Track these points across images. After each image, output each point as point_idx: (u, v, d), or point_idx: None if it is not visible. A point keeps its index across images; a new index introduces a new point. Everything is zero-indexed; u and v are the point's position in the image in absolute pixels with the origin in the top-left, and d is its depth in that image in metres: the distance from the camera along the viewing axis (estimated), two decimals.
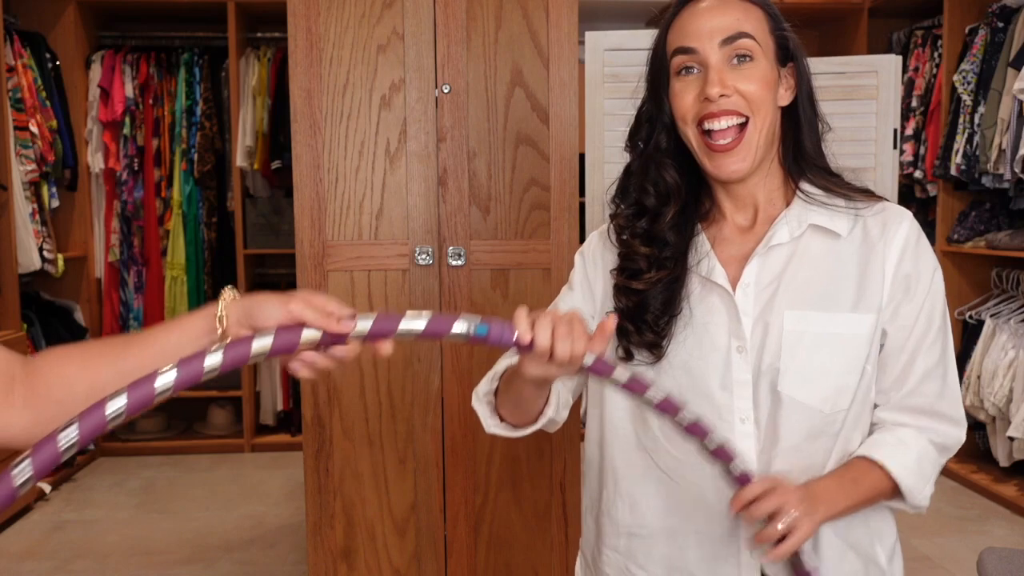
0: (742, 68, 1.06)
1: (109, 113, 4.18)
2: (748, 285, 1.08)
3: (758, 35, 1.07)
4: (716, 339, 1.07)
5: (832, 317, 1.05)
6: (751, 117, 1.06)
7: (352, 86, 2.03)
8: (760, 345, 1.06)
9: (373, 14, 2.03)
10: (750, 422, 1.06)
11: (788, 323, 1.05)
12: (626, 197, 1.16)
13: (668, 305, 1.09)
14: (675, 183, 1.12)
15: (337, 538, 2.11)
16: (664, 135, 1.12)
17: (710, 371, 1.07)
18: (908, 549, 3.11)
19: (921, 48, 4.15)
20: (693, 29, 1.07)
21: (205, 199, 4.33)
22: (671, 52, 1.10)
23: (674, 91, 1.09)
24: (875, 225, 1.09)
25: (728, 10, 1.07)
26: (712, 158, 1.07)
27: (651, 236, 1.11)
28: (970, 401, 3.66)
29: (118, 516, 3.52)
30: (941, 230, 3.96)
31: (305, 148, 2.04)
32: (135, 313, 4.32)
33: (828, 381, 1.05)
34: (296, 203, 2.05)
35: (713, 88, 1.04)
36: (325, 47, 2.03)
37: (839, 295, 1.06)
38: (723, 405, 1.07)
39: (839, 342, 1.05)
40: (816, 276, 1.07)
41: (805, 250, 1.08)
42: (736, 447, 1.02)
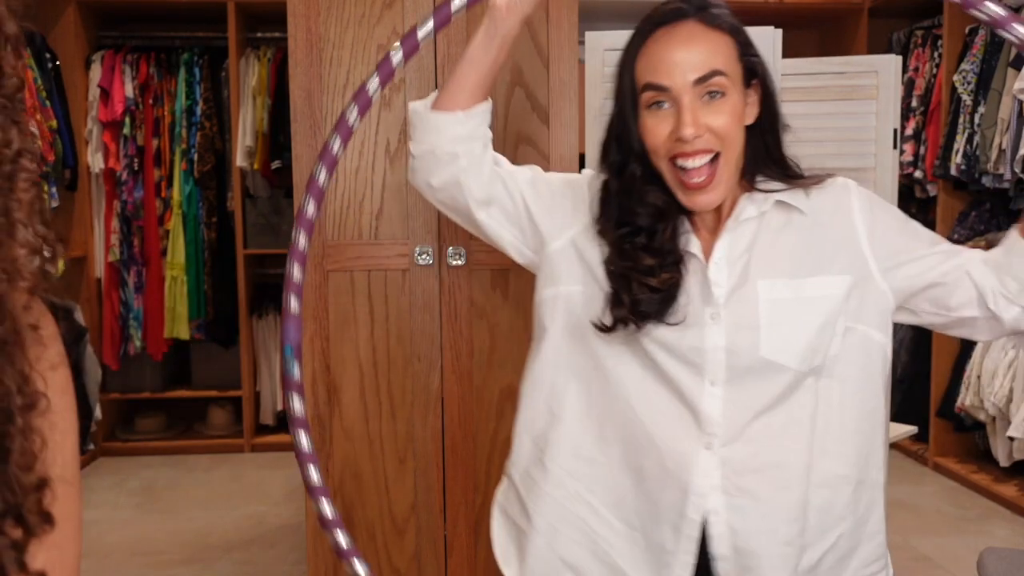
0: (714, 104, 1.07)
1: (109, 113, 4.18)
2: (720, 260, 1.12)
3: (729, 69, 1.08)
4: (690, 307, 1.11)
5: (803, 282, 1.11)
6: (722, 152, 1.08)
7: (352, 86, 2.03)
8: (735, 313, 1.10)
9: (373, 14, 2.03)
10: (720, 384, 1.10)
11: (763, 292, 1.10)
12: (610, 218, 1.16)
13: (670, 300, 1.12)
14: (665, 202, 1.14)
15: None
16: (639, 164, 1.13)
17: (684, 338, 1.10)
18: (908, 549, 3.11)
19: (921, 48, 4.15)
20: (665, 65, 1.07)
21: (205, 199, 4.33)
22: (641, 85, 1.09)
23: (646, 126, 1.10)
24: (831, 200, 1.15)
25: (699, 44, 1.07)
26: (687, 194, 1.10)
27: (652, 248, 1.13)
28: (970, 401, 3.66)
29: (118, 516, 3.52)
30: (941, 230, 3.96)
31: (305, 148, 2.04)
32: (135, 313, 4.32)
33: (803, 342, 1.10)
34: (296, 203, 2.05)
35: (688, 130, 1.05)
36: (325, 47, 2.03)
37: (808, 261, 1.12)
38: (694, 367, 1.10)
39: (811, 304, 1.11)
40: (782, 247, 1.13)
41: (769, 225, 1.14)
42: (704, 408, 1.10)
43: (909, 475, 3.96)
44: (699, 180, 1.08)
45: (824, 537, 1.13)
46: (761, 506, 1.10)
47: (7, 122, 0.61)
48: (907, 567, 2.99)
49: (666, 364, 1.11)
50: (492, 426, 2.10)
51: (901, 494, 3.67)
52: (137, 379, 4.47)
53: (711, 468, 1.10)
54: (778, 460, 1.10)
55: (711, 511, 1.10)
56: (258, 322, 4.45)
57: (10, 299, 0.58)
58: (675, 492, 1.11)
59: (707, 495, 1.10)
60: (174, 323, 4.29)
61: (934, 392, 4.01)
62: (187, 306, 4.30)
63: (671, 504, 1.11)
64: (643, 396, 1.13)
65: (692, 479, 1.10)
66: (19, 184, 0.61)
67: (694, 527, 1.10)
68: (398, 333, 2.07)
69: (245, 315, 4.33)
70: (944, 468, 3.97)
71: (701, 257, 1.13)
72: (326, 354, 2.06)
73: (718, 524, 1.10)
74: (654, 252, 1.13)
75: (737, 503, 1.10)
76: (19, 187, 0.61)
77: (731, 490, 1.10)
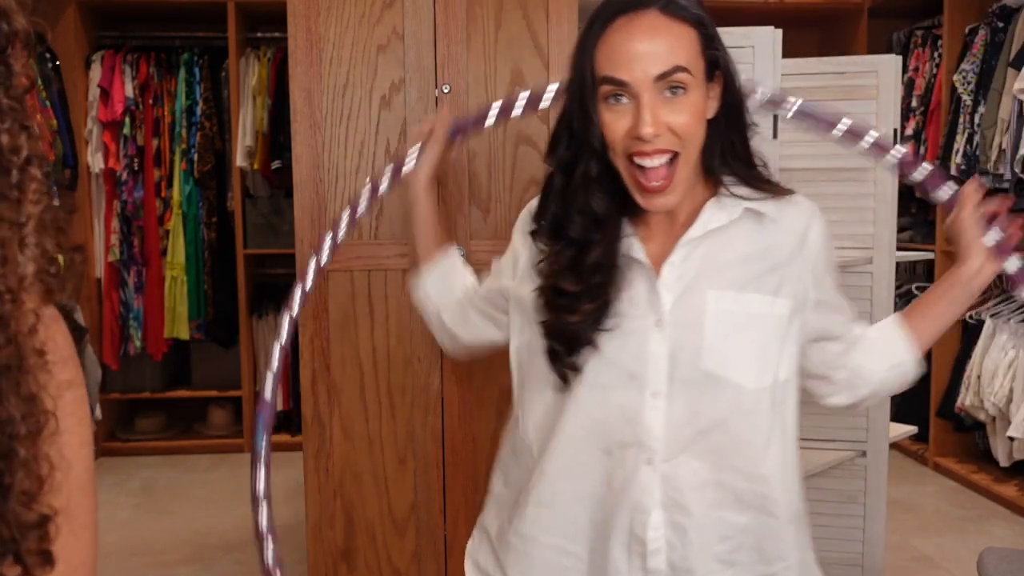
0: (675, 100, 1.02)
1: (109, 113, 4.18)
2: (676, 264, 1.09)
3: (691, 63, 1.02)
4: (635, 314, 1.08)
5: (752, 298, 1.08)
6: (681, 152, 1.04)
7: (352, 86, 2.03)
8: (681, 322, 1.07)
9: (373, 14, 2.03)
10: (662, 396, 1.07)
11: (711, 302, 1.07)
12: (546, 215, 1.13)
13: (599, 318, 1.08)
14: (605, 211, 1.09)
15: (337, 538, 2.11)
16: (595, 162, 1.08)
17: (627, 344, 1.08)
18: (908, 549, 3.11)
19: (921, 48, 4.15)
20: (624, 58, 1.01)
21: (205, 199, 4.33)
22: (599, 78, 1.03)
23: (604, 120, 1.04)
24: (795, 218, 1.12)
25: (661, 36, 1.01)
26: (644, 196, 1.06)
27: (577, 269, 1.08)
28: (970, 401, 3.66)
29: (118, 516, 3.52)
30: (941, 230, 3.96)
31: (305, 148, 2.04)
32: (135, 313, 4.32)
33: (749, 358, 1.07)
34: (296, 203, 2.05)
35: (647, 128, 1.00)
36: (325, 47, 2.03)
37: (760, 278, 1.09)
38: (635, 378, 1.07)
39: (759, 322, 1.08)
40: (741, 258, 1.09)
41: (734, 234, 1.10)
42: (646, 421, 1.07)
43: (909, 475, 3.96)
44: (657, 184, 1.04)
45: (760, 562, 1.11)
46: (698, 523, 1.07)
47: (16, 127, 0.57)
48: (907, 567, 2.99)
49: (608, 375, 1.08)
50: (492, 426, 2.10)
51: (901, 494, 3.67)
52: (137, 379, 4.47)
53: (652, 484, 1.07)
54: (719, 480, 1.08)
55: (651, 527, 1.07)
56: (258, 322, 4.45)
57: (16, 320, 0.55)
58: (624, 511, 1.09)
59: (650, 511, 1.07)
60: (174, 323, 4.29)
61: (934, 392, 4.01)
62: (187, 306, 4.30)
63: (621, 524, 1.09)
64: (587, 412, 1.10)
65: (636, 496, 1.08)
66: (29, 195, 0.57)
67: (642, 545, 1.08)
68: (398, 333, 2.06)
69: (245, 315, 4.33)
70: (944, 468, 3.97)
71: (648, 263, 1.09)
72: (326, 354, 2.06)
73: (657, 540, 1.07)
74: (578, 272, 1.08)
75: (676, 519, 1.07)
76: (29, 198, 0.57)
77: (670, 506, 1.07)
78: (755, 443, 1.09)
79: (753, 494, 1.09)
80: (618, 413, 1.08)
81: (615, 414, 1.09)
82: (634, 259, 1.09)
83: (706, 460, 1.07)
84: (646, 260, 1.09)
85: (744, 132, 1.12)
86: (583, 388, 1.10)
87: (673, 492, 1.07)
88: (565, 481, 1.13)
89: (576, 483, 1.12)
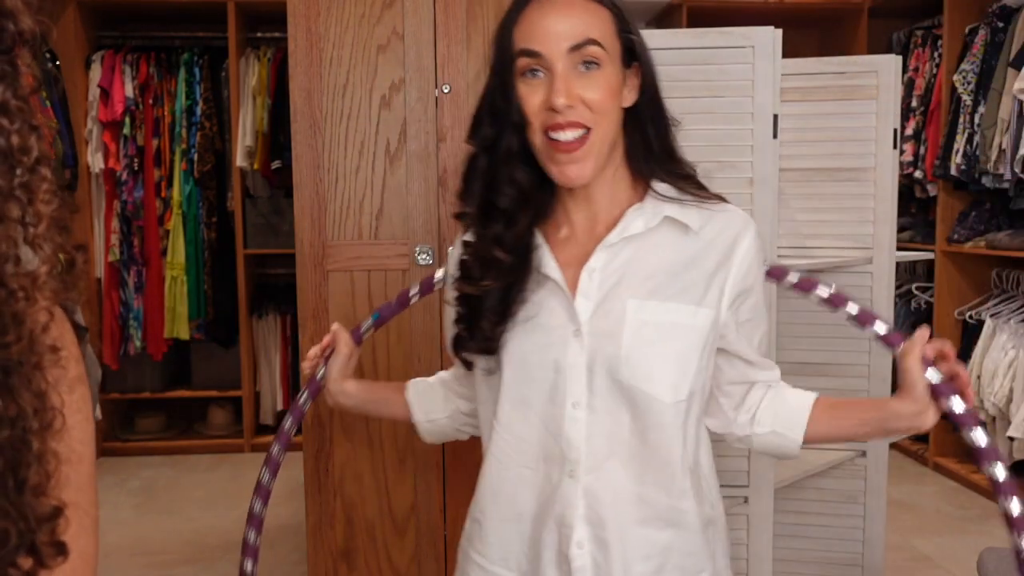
0: (588, 75, 1.04)
1: (109, 113, 4.18)
2: (595, 271, 1.08)
3: (605, 41, 1.05)
4: (551, 324, 1.07)
5: (673, 307, 1.07)
6: (594, 128, 1.04)
7: (352, 86, 2.03)
8: (600, 331, 1.06)
9: (373, 14, 2.03)
10: (582, 407, 1.06)
11: (630, 311, 1.06)
12: (472, 196, 1.13)
13: (503, 310, 1.09)
14: (531, 184, 1.10)
15: (337, 538, 2.11)
16: (516, 137, 1.08)
17: (545, 356, 1.07)
18: (908, 549, 3.11)
19: (921, 48, 4.15)
20: (540, 31, 1.04)
21: (205, 199, 4.33)
22: (516, 51, 1.05)
23: (519, 94, 1.06)
24: (724, 227, 1.10)
25: (576, 12, 1.04)
26: (556, 161, 1.05)
27: (505, 240, 1.10)
28: None
29: (118, 516, 3.52)
30: (941, 230, 3.96)
31: (305, 148, 2.04)
32: (135, 313, 4.32)
33: (668, 370, 1.06)
34: (296, 203, 2.05)
35: (559, 98, 1.02)
36: (325, 47, 2.03)
37: (682, 287, 1.08)
38: (556, 388, 1.07)
39: (679, 332, 1.07)
40: (662, 267, 1.08)
41: (655, 242, 1.09)
42: (567, 433, 1.06)
43: (909, 475, 3.96)
44: (568, 147, 1.05)
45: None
46: (620, 540, 1.06)
47: (25, 127, 0.56)
48: (907, 567, 2.99)
49: (529, 388, 1.08)
50: None
51: (901, 494, 3.67)
52: (137, 379, 4.47)
53: (576, 498, 1.06)
54: (640, 494, 1.07)
55: (576, 543, 1.06)
56: (258, 322, 4.45)
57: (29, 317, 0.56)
58: (551, 527, 1.08)
59: (574, 527, 1.06)
60: (174, 323, 4.29)
61: None
62: (187, 306, 4.30)
63: (550, 541, 1.08)
64: (510, 429, 1.10)
65: (560, 510, 1.07)
66: (40, 195, 0.57)
67: (568, 563, 1.07)
68: (398, 333, 2.07)
69: (245, 315, 4.33)
70: (944, 468, 3.97)
71: (561, 281, 1.08)
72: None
73: (581, 557, 1.06)
74: (506, 243, 1.09)
75: (600, 535, 1.06)
76: (40, 198, 0.57)
77: (594, 521, 1.06)
78: (673, 456, 1.07)
79: (672, 510, 1.08)
80: (541, 426, 1.08)
81: (538, 427, 1.08)
82: (547, 276, 1.09)
83: (627, 473, 1.06)
84: (559, 278, 1.08)
85: (663, 126, 1.12)
86: (506, 405, 1.10)
87: (596, 506, 1.06)
88: (494, 500, 1.13)
89: (504, 502, 1.12)
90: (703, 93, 1.99)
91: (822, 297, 1.19)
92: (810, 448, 2.41)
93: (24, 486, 0.55)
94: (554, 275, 1.08)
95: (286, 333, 4.45)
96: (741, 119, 1.99)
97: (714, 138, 2.00)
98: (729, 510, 2.07)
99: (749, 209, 2.00)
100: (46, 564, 0.56)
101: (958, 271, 3.96)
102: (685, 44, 2.00)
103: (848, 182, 2.34)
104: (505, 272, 1.09)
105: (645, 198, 1.10)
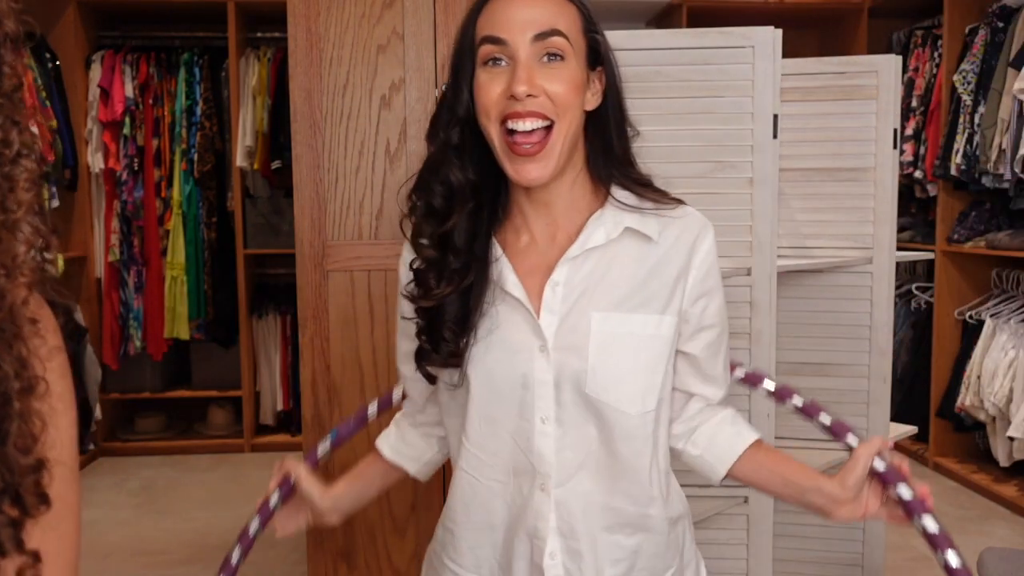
0: (552, 67, 1.02)
1: (109, 113, 4.18)
2: (558, 285, 1.07)
3: (571, 34, 1.03)
4: (517, 340, 1.06)
5: (638, 319, 1.06)
6: (556, 121, 1.02)
7: (352, 86, 2.04)
8: (566, 346, 1.05)
9: (373, 14, 2.03)
10: (551, 422, 1.06)
11: (595, 324, 1.05)
12: (421, 194, 1.11)
13: (463, 319, 1.07)
14: (462, 183, 1.08)
15: (337, 538, 2.11)
16: (457, 130, 1.06)
17: (512, 372, 1.06)
18: (908, 549, 3.11)
19: (921, 48, 4.15)
20: (505, 18, 1.02)
21: (205, 199, 4.33)
22: (479, 39, 1.03)
23: (479, 82, 1.03)
24: (682, 232, 1.09)
25: (543, 3, 1.03)
26: (514, 161, 1.03)
27: (443, 241, 1.08)
28: (970, 401, 3.66)
29: (118, 516, 3.52)
30: (941, 230, 3.96)
31: (305, 148, 2.04)
32: (135, 313, 4.32)
33: (635, 383, 1.06)
34: (296, 203, 2.05)
35: (520, 86, 0.99)
36: (325, 47, 2.03)
37: (645, 297, 1.07)
38: (524, 404, 1.06)
39: (644, 343, 1.06)
40: (625, 278, 1.07)
41: (616, 252, 1.08)
42: (537, 447, 1.06)
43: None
44: (528, 146, 1.02)
45: None
46: (592, 549, 1.07)
47: (6, 122, 0.61)
48: (907, 567, 2.99)
49: (497, 405, 1.07)
50: None
51: None
52: (137, 379, 4.47)
53: (547, 510, 1.07)
54: (608, 504, 1.07)
55: (548, 554, 1.07)
56: (258, 322, 4.45)
57: (10, 293, 0.60)
58: (523, 539, 1.09)
59: (546, 538, 1.07)
60: (174, 323, 4.29)
61: (934, 392, 4.01)
62: (187, 306, 4.30)
63: (522, 552, 1.09)
64: (480, 444, 1.10)
65: (532, 522, 1.08)
66: (20, 184, 0.61)
67: (541, 573, 1.08)
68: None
69: (245, 315, 4.33)
70: (944, 468, 3.97)
71: (520, 295, 1.07)
72: (326, 354, 2.06)
73: (555, 567, 1.07)
74: (442, 245, 1.07)
75: (572, 546, 1.07)
76: (20, 186, 0.61)
77: (566, 532, 1.07)
78: (641, 465, 1.08)
79: (642, 516, 1.09)
80: (511, 441, 1.08)
81: (508, 442, 1.08)
82: (509, 294, 1.07)
83: (597, 484, 1.07)
84: (522, 295, 1.07)
85: (624, 133, 1.11)
86: (475, 421, 1.09)
87: (568, 517, 1.07)
88: (466, 511, 1.13)
89: (476, 514, 1.12)
90: (703, 93, 1.99)
91: (796, 407, 1.15)
92: (810, 448, 2.42)
93: (7, 438, 0.59)
94: (516, 292, 1.07)
95: (286, 333, 4.45)
96: (741, 119, 1.99)
97: (714, 138, 2.00)
98: (729, 510, 2.08)
99: (749, 209, 2.00)
100: (30, 513, 0.60)
101: (958, 271, 3.96)
102: (685, 44, 2.00)
103: (848, 182, 2.34)
104: (458, 278, 1.07)
105: (605, 205, 1.09)
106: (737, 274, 2.01)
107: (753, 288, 2.01)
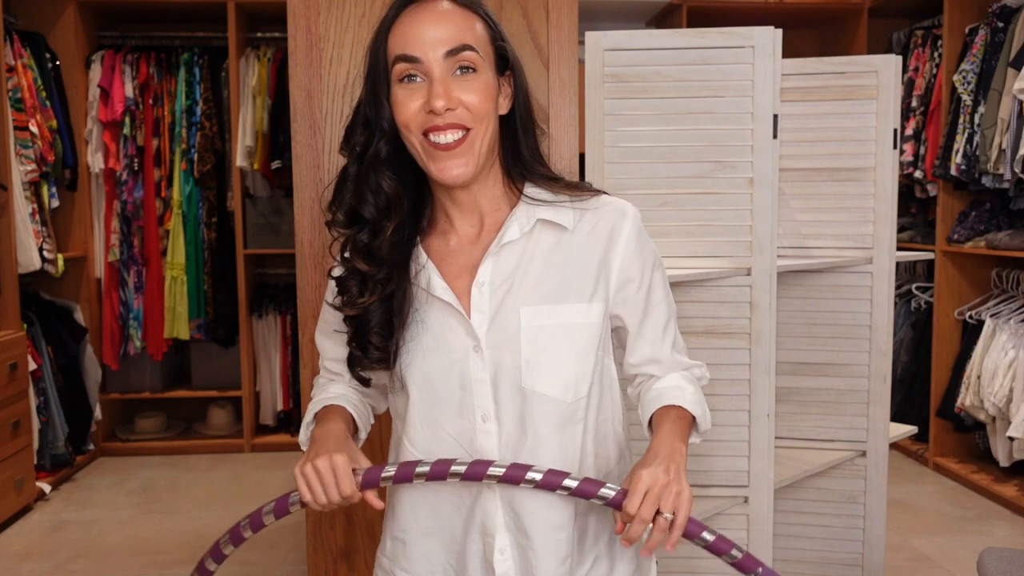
0: (466, 79, 1.06)
1: (109, 113, 4.18)
2: (483, 284, 1.10)
3: (480, 46, 1.07)
4: (451, 342, 1.09)
5: (565, 308, 1.09)
6: (473, 128, 1.06)
7: (352, 86, 2.03)
8: (499, 343, 1.08)
9: (373, 14, 2.03)
10: (492, 420, 1.09)
11: (524, 319, 1.08)
12: (342, 205, 1.14)
13: (389, 324, 1.10)
14: (396, 193, 1.11)
15: (337, 538, 2.11)
16: (384, 143, 1.10)
17: (449, 374, 1.09)
18: (908, 549, 3.12)
19: (921, 48, 4.15)
20: (416, 37, 1.06)
21: (205, 199, 4.33)
22: (392, 58, 1.07)
23: (397, 99, 1.07)
24: (601, 219, 1.13)
25: (451, 19, 1.07)
26: (436, 159, 1.06)
27: (370, 252, 1.11)
28: (970, 401, 3.66)
29: (118, 516, 3.53)
30: (941, 230, 3.97)
31: (305, 148, 2.04)
32: (135, 313, 4.32)
33: (567, 371, 1.09)
34: (296, 203, 2.05)
35: (439, 101, 1.03)
36: (325, 47, 2.03)
37: (571, 286, 1.10)
38: (464, 404, 1.09)
39: (573, 332, 1.10)
40: (548, 270, 1.10)
41: (535, 246, 1.11)
42: (480, 445, 1.09)
43: (909, 475, 3.97)
44: (448, 144, 1.06)
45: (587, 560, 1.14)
46: (539, 543, 1.10)
47: None
48: (907, 567, 2.99)
49: (437, 408, 1.10)
50: None
51: (901, 494, 3.67)
52: (137, 379, 4.47)
53: (494, 507, 1.10)
54: (550, 497, 1.09)
55: (498, 550, 1.10)
56: (258, 322, 4.45)
57: None
58: (474, 538, 1.11)
59: (495, 535, 1.10)
60: (174, 323, 4.29)
61: (934, 392, 4.01)
62: (187, 306, 4.30)
63: (474, 551, 1.12)
64: (423, 448, 1.11)
65: (481, 520, 1.11)
66: None
67: (492, 570, 1.11)
68: None
69: (245, 315, 4.33)
70: (944, 468, 3.97)
71: (450, 297, 1.09)
72: None
73: (504, 563, 1.10)
74: (370, 255, 1.10)
75: (520, 542, 1.10)
76: None
77: (513, 528, 1.10)
78: (585, 450, 1.11)
79: (584, 504, 1.11)
80: (453, 442, 1.11)
81: (450, 443, 1.11)
82: (439, 298, 1.10)
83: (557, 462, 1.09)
84: (452, 298, 1.09)
85: (532, 133, 1.16)
86: (416, 424, 1.12)
87: (514, 513, 1.10)
88: (415, 517, 1.15)
89: (426, 521, 1.15)
90: (703, 93, 1.99)
91: (736, 558, 1.05)
92: (810, 448, 2.42)
93: None
94: (445, 296, 1.10)
95: (286, 333, 4.46)
96: (741, 119, 1.99)
97: (714, 138, 2.00)
98: (729, 510, 2.08)
99: (749, 209, 2.00)
100: None
101: (958, 271, 3.96)
102: (685, 44, 2.00)
103: (848, 182, 2.34)
104: (381, 287, 1.10)
105: (519, 203, 1.13)
106: (737, 274, 2.02)
107: (753, 288, 2.01)
